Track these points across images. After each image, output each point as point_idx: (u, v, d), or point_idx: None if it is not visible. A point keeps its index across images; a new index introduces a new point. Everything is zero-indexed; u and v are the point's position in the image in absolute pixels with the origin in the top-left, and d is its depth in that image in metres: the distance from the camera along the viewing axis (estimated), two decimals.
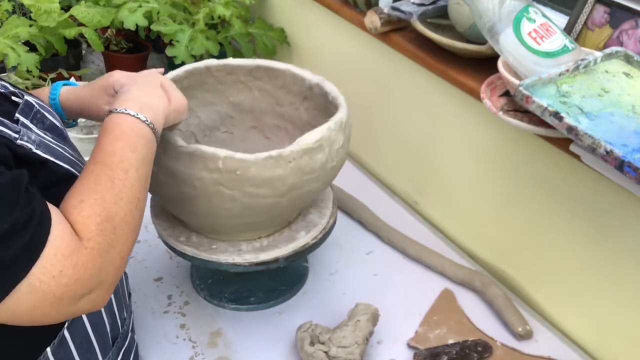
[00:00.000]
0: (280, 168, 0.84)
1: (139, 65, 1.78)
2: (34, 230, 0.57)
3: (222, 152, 0.82)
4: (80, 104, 0.87)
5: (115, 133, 0.68)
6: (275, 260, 0.96)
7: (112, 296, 0.81)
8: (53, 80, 1.58)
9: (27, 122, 0.71)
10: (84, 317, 0.76)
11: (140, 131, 0.70)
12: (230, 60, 1.06)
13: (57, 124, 0.77)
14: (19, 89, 0.76)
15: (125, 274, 0.96)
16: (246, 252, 0.96)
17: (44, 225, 0.58)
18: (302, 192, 0.89)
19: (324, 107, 1.02)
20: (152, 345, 1.00)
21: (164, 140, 0.85)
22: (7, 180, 0.57)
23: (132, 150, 0.68)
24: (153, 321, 1.05)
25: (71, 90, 0.89)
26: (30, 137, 0.67)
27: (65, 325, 0.73)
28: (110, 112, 0.71)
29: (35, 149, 0.66)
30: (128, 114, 0.70)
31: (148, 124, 0.71)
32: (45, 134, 0.72)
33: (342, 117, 0.92)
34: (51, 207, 0.61)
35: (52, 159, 0.68)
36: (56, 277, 0.57)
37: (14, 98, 0.73)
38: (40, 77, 1.57)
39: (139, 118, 0.70)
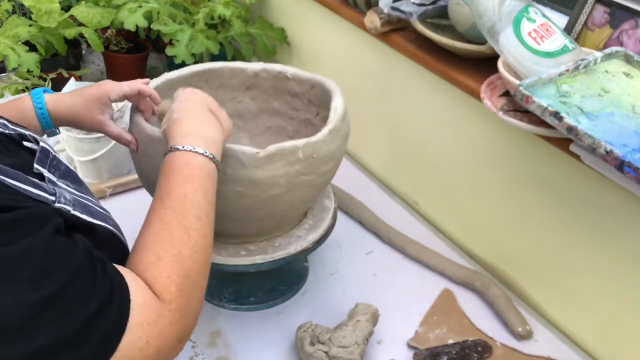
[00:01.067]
0: (336, 140, 0.90)
1: (139, 65, 1.79)
2: (119, 302, 0.52)
3: (299, 142, 0.84)
4: (72, 113, 0.83)
5: (185, 174, 0.63)
6: (276, 260, 0.96)
7: None
8: (53, 80, 1.58)
9: (47, 174, 0.63)
10: None
11: (211, 171, 0.66)
12: (167, 74, 1.03)
13: (70, 166, 0.71)
14: (23, 128, 0.69)
15: None
16: (249, 253, 0.96)
17: (124, 294, 0.53)
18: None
19: (274, 88, 1.07)
20: None
21: (227, 158, 0.80)
22: (81, 252, 0.52)
23: (203, 194, 0.63)
24: None
25: (58, 99, 0.83)
26: (66, 197, 0.60)
27: None
28: (175, 148, 0.66)
29: (73, 210, 0.59)
30: (197, 152, 0.65)
31: (215, 162, 0.67)
32: (67, 185, 0.65)
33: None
34: (121, 269, 0.56)
35: (89, 219, 0.61)
36: (143, 349, 0.53)
37: (25, 143, 0.66)
38: (40, 77, 1.57)
39: (207, 156, 0.66)
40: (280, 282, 1.12)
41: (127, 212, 1.28)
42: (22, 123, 0.74)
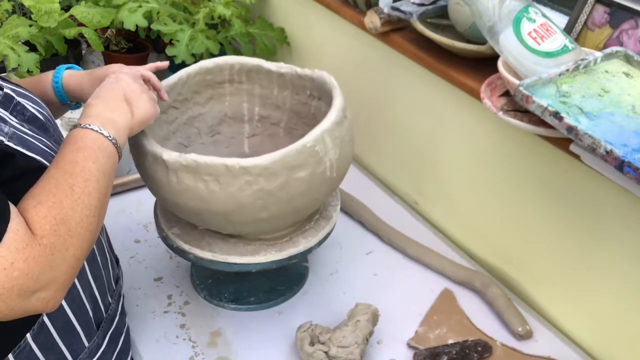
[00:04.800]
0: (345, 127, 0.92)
1: (139, 64, 1.78)
2: None
3: (310, 137, 0.85)
4: (79, 89, 0.93)
5: (78, 145, 0.72)
6: (277, 260, 0.96)
7: (92, 280, 0.83)
8: None
9: (5, 113, 0.73)
10: (64, 303, 0.77)
11: (102, 145, 0.74)
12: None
13: (40, 115, 0.79)
14: (2, 79, 0.79)
15: (116, 258, 0.99)
16: (250, 252, 0.96)
17: (3, 216, 0.60)
18: None
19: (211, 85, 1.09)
20: (152, 345, 1.00)
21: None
22: None
23: (93, 162, 0.71)
24: (153, 321, 1.04)
25: (73, 75, 0.94)
26: (3, 130, 0.69)
27: None
28: (75, 126, 0.75)
29: (7, 141, 0.68)
30: (91, 129, 0.74)
31: (110, 139, 0.75)
32: (22, 125, 0.74)
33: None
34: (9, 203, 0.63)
35: (23, 150, 0.70)
36: (7, 269, 0.59)
37: None
38: None
39: (101, 133, 0.74)
40: (280, 282, 1.12)
41: (127, 212, 1.29)
42: (37, 93, 0.87)
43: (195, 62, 1.08)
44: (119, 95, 0.82)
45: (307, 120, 1.09)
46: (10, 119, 0.73)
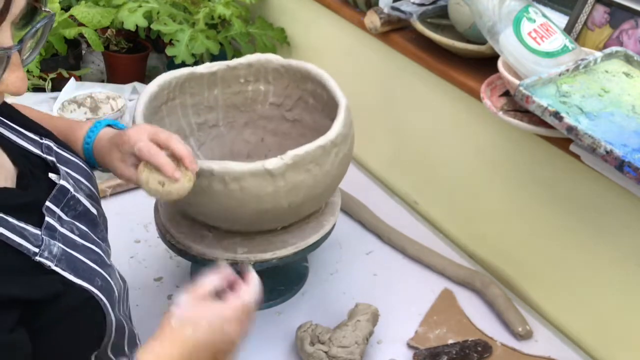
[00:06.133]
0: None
1: (139, 65, 1.79)
2: None
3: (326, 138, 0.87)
4: (100, 155, 0.80)
5: None
6: (277, 259, 0.96)
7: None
8: (53, 81, 1.57)
9: (56, 210, 0.64)
10: None
11: None
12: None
13: (91, 208, 0.71)
14: (69, 152, 0.70)
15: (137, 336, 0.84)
16: (250, 252, 0.96)
17: None
18: None
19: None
20: None
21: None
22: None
23: None
24: (153, 321, 1.04)
25: (104, 136, 0.80)
26: (52, 251, 0.60)
27: None
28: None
29: (54, 266, 0.60)
30: None
31: None
32: (72, 226, 0.66)
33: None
34: None
35: (70, 277, 0.61)
36: None
37: (50, 175, 0.67)
38: (40, 77, 1.57)
39: None
40: (280, 282, 1.12)
41: (127, 212, 1.29)
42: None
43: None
44: (214, 351, 0.65)
45: (244, 107, 1.11)
46: (61, 218, 0.64)
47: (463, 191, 1.22)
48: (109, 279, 0.66)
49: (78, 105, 1.39)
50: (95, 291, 0.63)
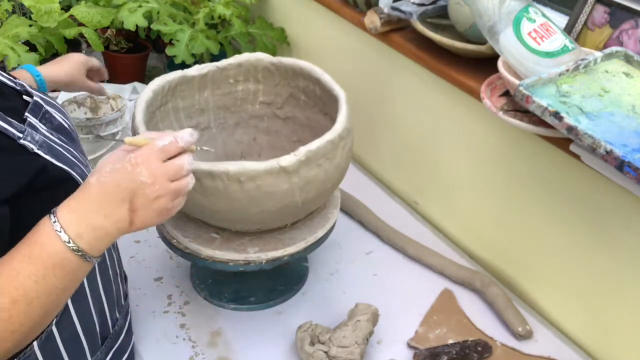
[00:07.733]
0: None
1: (139, 65, 1.79)
2: None
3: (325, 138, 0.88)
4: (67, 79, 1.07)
5: (32, 251, 0.61)
6: (288, 256, 0.97)
7: (103, 295, 0.82)
8: None
9: (35, 121, 0.72)
10: (73, 314, 0.76)
11: (62, 262, 0.62)
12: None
13: (66, 124, 0.78)
14: (29, 87, 0.79)
15: (125, 275, 0.97)
16: (249, 251, 0.96)
17: None
18: None
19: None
20: (152, 345, 1.00)
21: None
22: None
23: (35, 281, 0.60)
24: (153, 321, 1.04)
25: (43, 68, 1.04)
26: (34, 138, 0.68)
27: (54, 322, 0.73)
28: (52, 213, 0.63)
29: (37, 149, 0.67)
30: (59, 236, 0.61)
31: (79, 255, 0.62)
32: (51, 133, 0.73)
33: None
34: None
35: (52, 160, 0.69)
36: None
37: (25, 97, 0.76)
38: None
39: (68, 246, 0.62)
40: (280, 282, 1.12)
41: None
42: None
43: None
44: (125, 197, 0.64)
45: (234, 108, 1.11)
46: (40, 126, 0.72)
47: (463, 191, 1.22)
48: (87, 173, 0.74)
49: (78, 105, 1.39)
50: (75, 175, 0.71)
